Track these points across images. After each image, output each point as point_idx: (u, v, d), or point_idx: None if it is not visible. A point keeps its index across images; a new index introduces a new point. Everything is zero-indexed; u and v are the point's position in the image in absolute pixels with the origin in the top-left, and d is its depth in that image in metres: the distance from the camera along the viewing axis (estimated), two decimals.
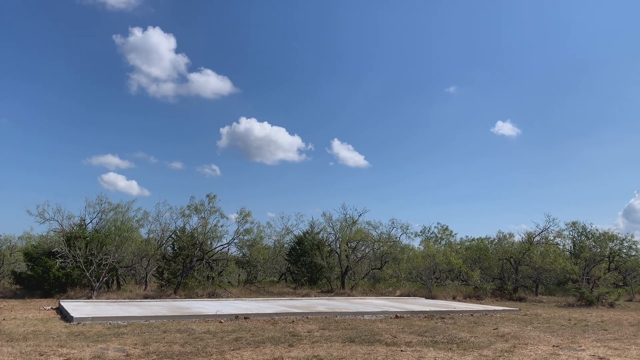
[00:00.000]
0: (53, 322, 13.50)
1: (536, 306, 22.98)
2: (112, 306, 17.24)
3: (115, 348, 9.55)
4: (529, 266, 29.31)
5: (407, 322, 14.99)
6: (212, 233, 25.95)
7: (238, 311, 16.14)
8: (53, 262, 22.02)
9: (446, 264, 28.50)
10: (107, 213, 27.11)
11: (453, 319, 16.09)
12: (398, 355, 9.36)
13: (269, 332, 12.26)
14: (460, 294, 27.37)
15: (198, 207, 25.81)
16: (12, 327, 12.20)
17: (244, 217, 26.35)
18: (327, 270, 30.65)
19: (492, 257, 30.95)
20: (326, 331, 12.57)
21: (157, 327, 12.62)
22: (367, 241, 32.12)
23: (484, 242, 33.51)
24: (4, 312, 15.69)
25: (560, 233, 32.17)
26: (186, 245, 25.15)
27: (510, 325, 14.83)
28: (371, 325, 13.96)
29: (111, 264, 22.94)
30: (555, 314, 18.85)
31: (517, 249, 30.26)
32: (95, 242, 23.07)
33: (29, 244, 28.23)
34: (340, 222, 32.30)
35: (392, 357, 9.22)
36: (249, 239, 27.38)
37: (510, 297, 27.31)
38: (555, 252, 29.63)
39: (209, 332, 12.05)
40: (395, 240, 32.18)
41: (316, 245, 31.91)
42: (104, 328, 12.33)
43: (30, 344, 9.85)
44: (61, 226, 24.65)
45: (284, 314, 16.08)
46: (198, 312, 15.85)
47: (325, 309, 17.86)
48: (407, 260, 30.12)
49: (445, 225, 37.83)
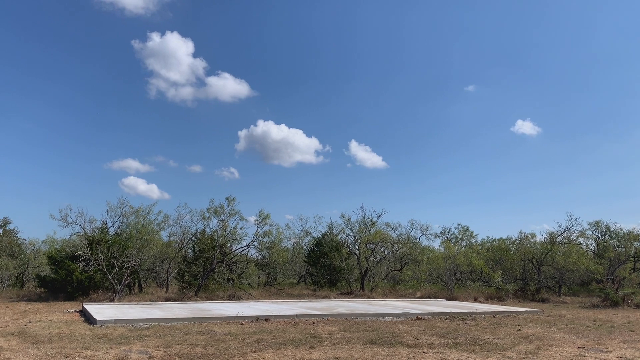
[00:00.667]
0: (77, 324, 13.68)
1: (560, 307, 22.64)
2: (134, 309, 17.40)
3: (138, 350, 9.63)
4: (551, 266, 28.87)
5: (429, 324, 14.88)
6: (231, 235, 26.04)
7: (258, 313, 16.17)
8: (76, 266, 22.32)
9: (467, 265, 28.21)
10: (129, 216, 27.38)
11: (475, 321, 15.92)
12: (420, 357, 9.29)
13: (289, 334, 12.25)
14: (482, 295, 27.07)
15: (217, 209, 25.94)
16: (37, 330, 12.39)
17: (263, 220, 26.41)
18: (347, 272, 30.57)
19: (513, 257, 30.57)
20: (347, 333, 12.53)
21: (179, 329, 12.70)
22: (386, 243, 31.95)
23: (505, 243, 33.11)
24: (30, 315, 15.95)
25: (583, 233, 31.64)
26: (206, 248, 25.29)
27: (534, 326, 14.62)
28: (392, 327, 13.87)
29: (133, 267, 23.17)
30: (580, 315, 18.54)
31: (539, 249, 29.84)
32: (117, 245, 23.33)
33: (53, 247, 28.66)
34: (359, 224, 32.20)
35: (415, 359, 9.15)
36: (268, 241, 27.41)
37: (533, 298, 26.94)
38: (578, 252, 29.14)
39: (230, 334, 12.09)
40: (414, 242, 31.94)
41: (335, 247, 31.85)
42: (127, 330, 12.45)
43: (55, 346, 9.99)
44: (83, 230, 24.97)
45: (304, 315, 16.07)
46: (219, 314, 15.92)
47: (346, 310, 17.81)
48: (427, 262, 29.89)
49: (465, 226, 37.51)
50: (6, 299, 22.72)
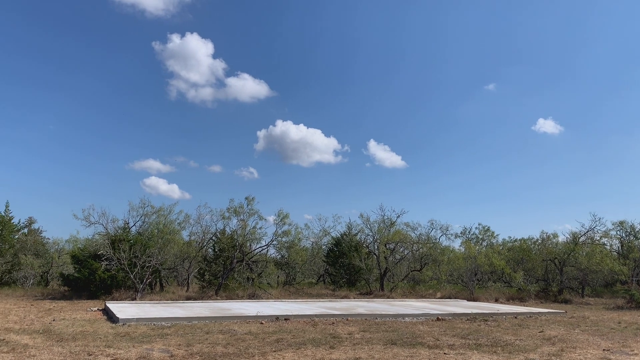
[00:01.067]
0: (100, 323, 13.87)
1: (583, 308, 22.28)
2: (155, 307, 17.59)
3: (160, 349, 9.73)
4: (574, 267, 28.44)
5: (449, 325, 14.76)
6: (251, 235, 26.19)
7: (278, 312, 16.22)
8: (99, 265, 22.64)
9: (488, 265, 27.93)
10: (150, 216, 27.67)
11: (496, 322, 15.75)
12: (441, 359, 9.22)
13: (309, 333, 12.26)
14: (503, 296, 26.78)
15: (237, 209, 26.10)
16: (61, 328, 12.59)
17: (282, 219, 26.49)
18: (366, 272, 30.51)
19: (535, 258, 30.17)
20: (367, 333, 12.50)
21: (200, 328, 12.80)
22: (405, 243, 31.82)
23: (526, 243, 32.70)
24: (54, 313, 16.22)
25: (607, 233, 31.06)
26: (226, 247, 25.46)
27: (557, 328, 14.42)
28: (412, 328, 13.80)
29: (154, 266, 23.43)
30: (604, 317, 18.22)
31: (562, 250, 29.42)
32: (139, 244, 23.61)
33: (76, 247, 29.12)
34: (378, 224, 32.13)
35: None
36: (287, 241, 27.50)
37: (555, 299, 26.57)
38: (602, 252, 28.64)
39: (250, 333, 12.15)
40: (434, 242, 31.76)
41: (354, 247, 31.81)
42: (149, 329, 12.58)
43: (79, 344, 10.14)
44: (106, 229, 25.32)
45: (324, 315, 16.07)
46: (239, 313, 16.01)
47: (365, 310, 17.76)
48: (448, 262, 29.68)
49: (486, 225, 37.07)
50: (31, 297, 23.15)
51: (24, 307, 18.41)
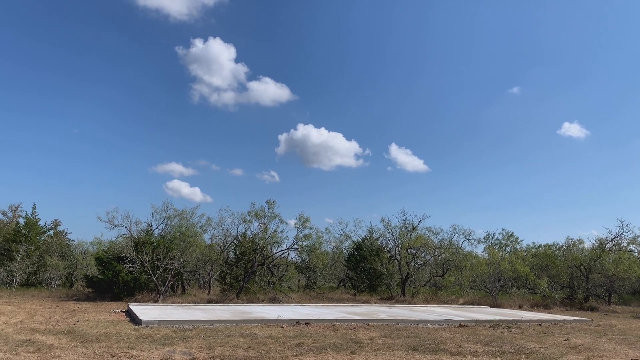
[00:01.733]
0: (123, 324, 14.02)
1: (610, 316, 21.79)
2: (177, 310, 17.72)
3: (182, 351, 9.79)
4: (600, 274, 27.87)
5: (472, 331, 14.56)
6: (272, 238, 26.25)
7: (299, 316, 16.20)
8: (122, 267, 22.93)
9: (512, 271, 27.52)
10: (172, 219, 27.95)
11: (520, 329, 15.49)
12: None
13: (330, 338, 12.21)
14: (527, 302, 26.35)
15: (258, 213, 26.19)
16: (85, 329, 12.77)
17: (303, 223, 26.50)
18: (387, 277, 30.31)
19: (560, 264, 29.64)
20: (388, 339, 12.39)
21: (221, 332, 12.85)
22: (427, 248, 31.54)
23: (551, 249, 32.16)
24: (78, 314, 16.46)
25: (635, 239, 30.35)
26: (247, 251, 25.56)
27: (583, 336, 14.11)
28: (434, 334, 13.64)
29: (176, 268, 23.63)
30: (632, 325, 17.79)
31: (588, 256, 28.85)
32: (161, 247, 23.84)
33: (100, 249, 29.56)
34: (400, 228, 31.90)
35: None
36: (308, 245, 27.48)
37: (581, 306, 26.05)
38: (629, 259, 28.02)
39: (271, 337, 12.15)
40: (457, 247, 31.39)
41: (375, 252, 31.65)
42: (171, 331, 12.68)
43: (103, 345, 10.26)
44: (129, 232, 25.65)
45: (345, 320, 16.00)
46: (260, 316, 16.04)
47: (387, 316, 17.64)
48: (471, 268, 29.31)
49: (510, 231, 36.54)
50: (56, 298, 23.55)
51: (49, 307, 18.73)
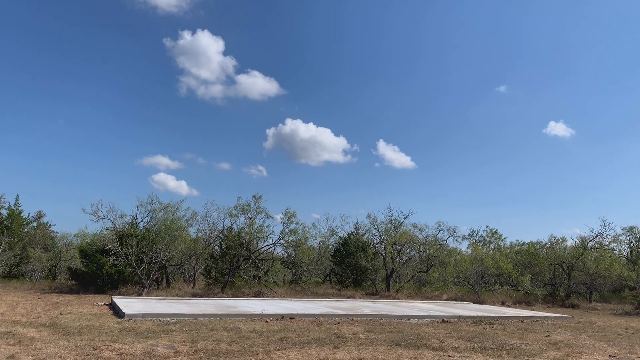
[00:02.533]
0: (106, 317, 13.95)
1: (590, 314, 22.11)
2: (161, 303, 17.66)
3: (165, 345, 9.76)
4: (582, 272, 28.24)
5: (455, 327, 14.70)
6: (258, 233, 26.23)
7: (283, 311, 16.23)
8: (106, 260, 22.79)
9: (495, 268, 27.80)
10: (158, 212, 27.78)
11: (502, 325, 15.67)
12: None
13: (314, 332, 12.26)
14: (510, 299, 26.64)
15: (245, 207, 26.15)
16: (68, 322, 12.68)
17: (289, 218, 26.52)
18: (372, 273, 30.46)
19: (543, 262, 30.00)
20: (372, 334, 12.47)
21: (205, 325, 12.83)
22: (412, 244, 31.74)
23: (534, 247, 32.52)
24: (61, 307, 16.34)
25: (616, 238, 30.81)
26: (233, 245, 25.52)
27: (563, 332, 14.31)
28: (417, 329, 13.75)
29: (161, 262, 23.52)
30: (611, 323, 18.07)
31: (570, 254, 29.22)
32: (146, 240, 23.71)
33: (84, 241, 29.35)
34: (386, 224, 32.06)
35: None
36: (294, 240, 27.51)
37: (562, 303, 26.40)
38: (610, 257, 28.44)
39: (255, 331, 12.16)
40: (442, 244, 31.63)
41: (361, 247, 31.78)
42: (154, 325, 12.63)
43: (85, 338, 10.20)
44: (114, 225, 25.47)
45: (329, 315, 16.06)
46: (244, 311, 16.04)
47: (371, 311, 17.73)
48: (455, 264, 29.57)
49: (494, 228, 36.89)
50: (39, 290, 23.33)
51: (31, 300, 18.56)
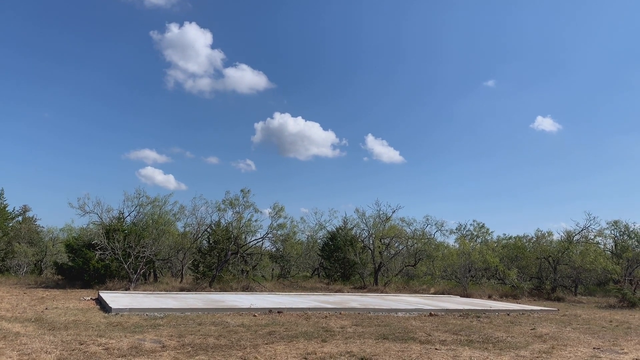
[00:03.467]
0: (92, 312, 13.86)
1: (575, 307, 22.39)
2: (149, 298, 17.59)
3: (152, 339, 9.72)
4: (568, 265, 28.57)
5: (442, 320, 14.80)
6: (246, 227, 26.19)
7: (272, 305, 16.23)
8: (93, 254, 22.62)
9: (482, 262, 28.01)
10: (145, 207, 27.64)
11: (489, 318, 15.81)
12: (432, 354, 9.25)
13: (302, 326, 12.28)
14: (497, 292, 26.88)
15: (233, 201, 26.08)
16: (54, 317, 12.58)
17: (278, 212, 26.51)
18: (360, 267, 30.56)
19: (529, 255, 30.28)
20: (359, 327, 12.52)
21: (193, 320, 12.80)
22: (400, 238, 31.87)
23: (521, 241, 32.80)
24: (47, 302, 16.20)
25: (601, 232, 31.20)
26: (221, 239, 25.45)
27: (549, 325, 14.48)
28: (405, 323, 13.83)
29: (148, 256, 23.40)
30: (596, 315, 18.31)
31: (556, 248, 29.54)
32: (133, 235, 23.57)
33: (70, 235, 29.09)
34: (374, 219, 32.18)
35: (427, 355, 9.11)
36: (282, 234, 27.52)
37: (548, 297, 26.69)
38: (595, 251, 28.77)
39: (243, 325, 12.15)
40: (429, 238, 31.80)
41: (349, 241, 31.86)
42: (141, 319, 12.58)
43: (71, 333, 10.13)
44: (101, 219, 25.29)
45: (317, 309, 16.10)
46: (232, 305, 16.02)
47: (358, 305, 17.80)
48: (442, 258, 29.74)
49: (481, 222, 37.14)
50: (24, 285, 23.11)
51: (16, 295, 18.38)
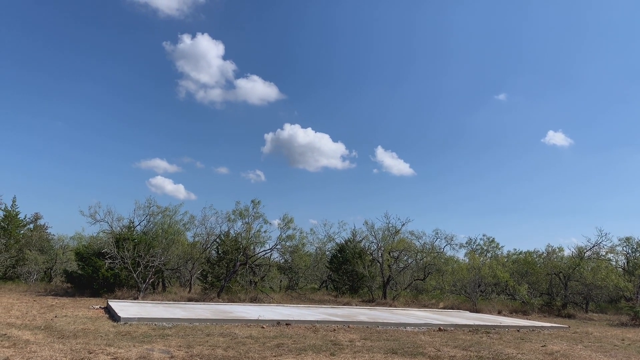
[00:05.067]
0: (101, 321, 13.89)
1: (586, 324, 22.10)
2: (157, 308, 17.60)
3: (160, 349, 9.72)
4: (578, 282, 28.24)
5: (451, 336, 14.67)
6: (255, 238, 26.18)
7: (280, 317, 16.19)
8: (102, 263, 22.71)
9: (492, 277, 27.77)
10: (156, 216, 27.74)
11: (499, 334, 15.65)
12: None
13: (310, 339, 12.22)
14: (506, 308, 26.62)
15: (242, 212, 26.11)
16: (63, 325, 12.62)
17: (287, 224, 26.47)
18: (369, 280, 30.40)
19: (540, 271, 29.98)
20: (368, 341, 12.44)
21: (201, 330, 12.79)
22: (409, 251, 31.71)
23: (531, 256, 32.50)
24: (56, 310, 16.26)
25: (613, 248, 30.85)
26: (230, 250, 25.46)
27: (559, 343, 14.30)
28: (414, 337, 13.73)
29: (157, 266, 23.46)
30: (607, 333, 18.06)
31: (567, 264, 29.22)
32: (143, 244, 23.65)
33: (80, 244, 29.24)
34: (383, 231, 32.02)
35: None
36: (291, 245, 27.46)
37: (559, 313, 26.37)
38: (607, 268, 28.43)
39: (251, 337, 12.12)
40: (439, 251, 31.61)
41: (358, 254, 31.73)
42: (150, 329, 12.58)
43: (80, 341, 10.15)
44: (111, 228, 25.41)
45: (325, 322, 16.02)
46: (241, 316, 15.99)
47: (367, 318, 17.70)
48: (451, 272, 29.53)
49: (491, 237, 36.88)
50: (34, 292, 23.23)
51: (26, 302, 18.47)
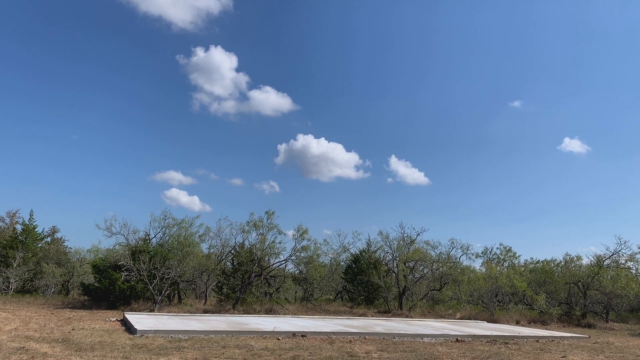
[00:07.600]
0: (118, 333, 13.94)
1: (607, 334, 21.69)
2: (173, 320, 17.62)
3: None
4: (598, 291, 27.78)
5: (469, 347, 14.48)
6: (270, 249, 26.20)
7: (295, 329, 16.11)
8: (119, 275, 22.84)
9: (509, 286, 27.43)
10: (171, 228, 27.88)
11: (517, 345, 15.41)
12: None
13: (326, 351, 12.14)
14: (524, 318, 26.25)
15: (257, 223, 26.14)
16: (80, 337, 12.68)
17: (301, 234, 26.46)
18: (384, 290, 30.20)
19: (558, 280, 29.56)
20: (384, 353, 12.32)
21: (217, 342, 12.77)
22: (425, 261, 31.46)
23: (549, 265, 32.08)
24: (73, 322, 16.36)
25: (633, 256, 30.29)
26: (245, 261, 25.48)
27: (580, 353, 14.04)
28: (431, 349, 13.57)
29: (173, 278, 23.52)
30: (629, 343, 17.70)
31: (586, 273, 28.78)
32: (159, 256, 23.75)
33: (97, 257, 29.44)
34: (398, 241, 31.85)
35: None
36: (305, 256, 27.42)
37: (578, 323, 25.95)
38: (627, 276, 27.94)
39: (267, 349, 12.07)
40: (455, 261, 31.32)
41: (373, 264, 31.57)
42: (166, 341, 12.59)
43: (97, 354, 10.19)
44: (127, 240, 25.59)
45: (341, 333, 15.91)
46: (256, 328, 15.95)
47: (383, 329, 17.54)
48: (468, 282, 29.22)
49: (508, 246, 36.55)
50: (52, 305, 23.42)
51: (44, 315, 18.62)
